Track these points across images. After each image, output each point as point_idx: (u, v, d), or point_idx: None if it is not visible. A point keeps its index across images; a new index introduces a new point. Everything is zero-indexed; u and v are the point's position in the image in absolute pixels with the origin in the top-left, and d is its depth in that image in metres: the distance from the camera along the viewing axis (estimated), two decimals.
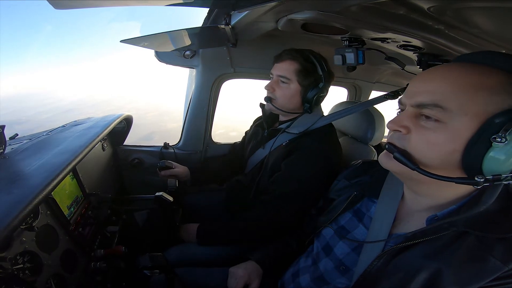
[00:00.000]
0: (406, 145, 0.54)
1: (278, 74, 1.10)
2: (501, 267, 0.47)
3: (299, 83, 1.09)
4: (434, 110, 0.50)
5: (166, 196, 1.01)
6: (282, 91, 1.10)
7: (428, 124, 0.52)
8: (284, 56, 1.09)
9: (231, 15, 1.06)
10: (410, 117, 0.54)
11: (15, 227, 0.55)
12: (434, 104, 0.50)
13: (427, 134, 0.51)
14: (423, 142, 0.52)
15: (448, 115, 0.49)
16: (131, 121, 1.41)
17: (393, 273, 0.57)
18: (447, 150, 0.50)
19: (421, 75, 0.56)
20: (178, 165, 1.30)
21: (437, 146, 0.51)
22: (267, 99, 1.13)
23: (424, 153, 0.52)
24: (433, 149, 0.51)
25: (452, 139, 0.49)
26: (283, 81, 1.09)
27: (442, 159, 0.51)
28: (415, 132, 0.53)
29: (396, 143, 0.55)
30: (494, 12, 0.57)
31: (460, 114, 0.48)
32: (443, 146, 0.50)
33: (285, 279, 0.82)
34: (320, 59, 1.11)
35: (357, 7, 0.70)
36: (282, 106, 1.12)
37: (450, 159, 0.50)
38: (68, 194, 0.86)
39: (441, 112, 0.49)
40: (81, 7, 0.77)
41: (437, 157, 0.51)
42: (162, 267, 0.77)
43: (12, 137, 1.15)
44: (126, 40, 1.05)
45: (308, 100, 1.10)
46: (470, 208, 0.53)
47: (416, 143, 0.53)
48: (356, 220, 0.72)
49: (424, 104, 0.51)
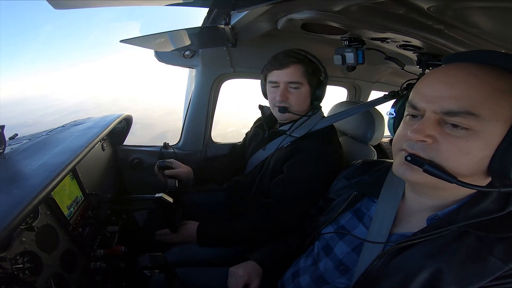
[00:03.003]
0: (434, 155, 0.50)
1: (287, 81, 1.06)
2: (502, 267, 0.47)
3: (309, 84, 1.08)
4: (467, 119, 0.47)
5: (166, 197, 1.01)
6: (295, 97, 1.08)
7: (457, 132, 0.48)
8: (288, 60, 1.05)
9: (230, 15, 1.06)
10: (434, 124, 0.50)
11: (15, 227, 0.55)
12: (467, 112, 0.47)
13: (458, 143, 0.48)
14: (455, 151, 0.48)
15: (481, 122, 0.47)
16: (130, 121, 1.41)
17: (393, 273, 0.57)
18: (479, 158, 0.48)
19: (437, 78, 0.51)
20: (180, 164, 1.28)
21: (470, 155, 0.48)
22: (282, 109, 1.08)
23: (456, 162, 0.49)
24: (466, 158, 0.48)
25: (484, 146, 0.48)
26: (295, 86, 1.07)
27: (474, 167, 0.49)
28: (443, 142, 0.49)
29: (421, 154, 0.51)
30: (494, 12, 0.57)
31: (492, 121, 0.46)
32: (476, 154, 0.48)
33: (285, 279, 0.82)
34: (314, 56, 1.10)
35: (356, 7, 0.70)
36: (298, 111, 1.10)
37: (480, 165, 0.49)
38: (68, 194, 0.86)
39: (474, 119, 0.46)
40: (80, 7, 0.77)
41: (470, 165, 0.49)
42: (162, 267, 0.77)
43: (11, 137, 1.15)
44: (126, 40, 1.05)
45: (318, 98, 1.11)
46: (471, 207, 0.53)
47: (446, 152, 0.49)
48: (356, 220, 0.72)
49: (454, 111, 0.48)
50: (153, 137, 4.60)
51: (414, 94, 0.55)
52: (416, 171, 0.51)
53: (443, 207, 0.57)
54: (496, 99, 0.47)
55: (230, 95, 1.87)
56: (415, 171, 0.52)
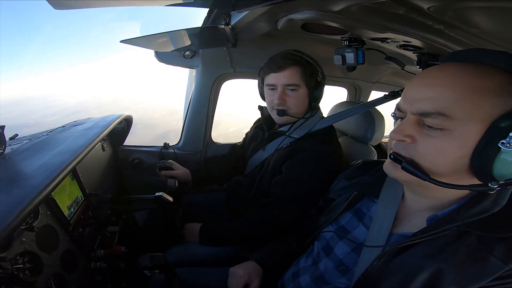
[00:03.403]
0: (413, 154, 0.53)
1: (285, 84, 1.06)
2: (502, 267, 0.47)
3: (306, 86, 1.07)
4: (438, 119, 0.49)
5: (166, 196, 1.01)
6: (293, 99, 1.07)
7: (433, 132, 0.50)
8: (285, 62, 1.04)
9: (231, 15, 1.06)
10: (413, 125, 0.52)
11: (15, 227, 0.55)
12: (438, 112, 0.48)
13: (434, 142, 0.50)
14: (430, 150, 0.51)
15: (453, 122, 0.48)
16: (131, 121, 1.41)
17: (393, 273, 0.57)
18: (455, 157, 0.49)
19: (419, 79, 0.54)
20: (179, 166, 1.29)
21: (445, 153, 0.50)
22: (281, 112, 1.08)
23: (432, 161, 0.51)
24: (441, 157, 0.50)
25: (459, 146, 0.49)
26: (293, 89, 1.06)
27: (451, 166, 0.50)
28: (420, 141, 0.52)
29: (402, 153, 0.54)
30: (494, 12, 0.57)
31: (466, 120, 0.47)
32: (451, 153, 0.49)
33: (285, 279, 0.82)
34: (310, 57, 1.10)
35: (357, 7, 0.70)
36: (296, 113, 1.10)
37: (459, 164, 0.50)
38: (68, 195, 0.86)
39: (446, 120, 0.48)
40: (80, 7, 0.77)
41: (446, 164, 0.50)
42: (162, 267, 0.77)
43: (12, 138, 1.15)
44: (126, 40, 1.05)
45: (316, 99, 1.11)
46: (470, 207, 0.53)
47: (423, 151, 0.51)
48: (356, 220, 0.72)
49: (426, 113, 0.50)
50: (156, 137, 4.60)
51: (401, 96, 0.57)
52: (398, 169, 0.54)
53: (443, 207, 0.57)
54: (472, 98, 0.47)
55: (231, 95, 1.87)
56: (398, 168, 0.54)
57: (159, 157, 1.52)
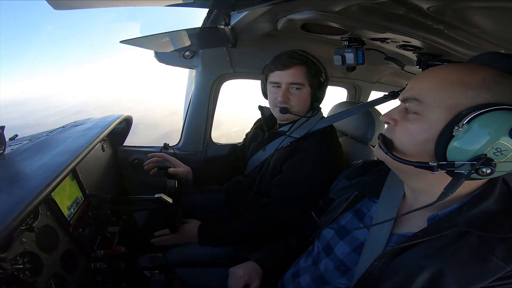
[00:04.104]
0: (393, 135, 0.59)
1: (289, 82, 1.07)
2: (503, 267, 0.47)
3: (310, 86, 1.08)
4: (413, 103, 0.55)
5: (165, 198, 1.01)
6: (296, 98, 1.08)
7: (410, 116, 0.56)
8: (291, 61, 1.06)
9: (230, 15, 1.06)
10: (400, 111, 0.59)
11: (15, 227, 0.55)
12: (413, 97, 0.55)
13: (407, 125, 0.56)
14: (403, 132, 0.57)
15: (424, 107, 0.53)
16: (131, 122, 1.41)
17: (394, 273, 0.57)
18: (421, 139, 0.54)
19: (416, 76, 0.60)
20: (179, 163, 1.29)
21: (413, 135, 0.55)
22: (284, 110, 1.08)
23: (402, 142, 0.57)
24: (409, 138, 0.56)
25: (425, 129, 0.53)
26: (297, 87, 1.07)
27: (416, 148, 0.55)
28: (399, 124, 0.58)
29: (385, 134, 0.61)
30: (494, 12, 0.57)
31: (434, 107, 0.52)
32: (418, 135, 0.54)
33: (285, 279, 0.82)
34: (314, 57, 1.11)
35: (356, 7, 0.70)
36: (298, 112, 1.11)
37: (424, 148, 0.53)
38: (68, 195, 0.86)
39: (418, 104, 0.54)
40: (80, 8, 0.77)
41: (412, 145, 0.55)
42: (162, 268, 0.77)
43: (11, 138, 1.15)
44: (126, 40, 1.05)
45: (318, 99, 1.12)
46: (472, 207, 0.53)
47: (399, 133, 0.58)
48: (356, 220, 0.72)
49: (406, 98, 0.57)
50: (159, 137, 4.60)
51: None
52: (379, 148, 0.59)
53: (444, 207, 0.57)
54: (443, 89, 0.52)
55: (233, 95, 1.87)
56: (379, 148, 0.60)
57: None
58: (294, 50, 1.09)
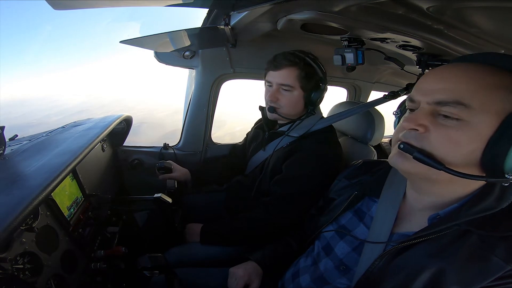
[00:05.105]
0: (425, 144, 0.51)
1: (279, 83, 1.07)
2: (504, 267, 0.47)
3: (302, 89, 1.07)
4: (457, 108, 0.48)
5: (165, 197, 1.01)
6: (286, 99, 1.08)
7: (449, 122, 0.50)
8: (282, 62, 1.05)
9: (230, 15, 1.06)
10: (426, 115, 0.52)
11: (15, 228, 0.55)
12: (456, 101, 0.48)
13: (449, 133, 0.49)
14: (445, 140, 0.50)
15: (471, 113, 0.48)
16: (130, 122, 1.41)
17: (395, 273, 0.56)
18: (469, 149, 0.49)
19: (434, 72, 0.55)
20: (178, 167, 1.29)
21: (459, 144, 0.49)
22: (271, 109, 1.09)
23: (446, 152, 0.50)
24: (455, 148, 0.49)
25: (474, 138, 0.48)
26: (286, 89, 1.07)
27: (463, 158, 0.50)
28: (434, 131, 0.51)
29: (413, 143, 0.52)
30: (494, 12, 0.57)
31: (483, 111, 0.47)
32: (466, 145, 0.49)
33: (285, 279, 0.82)
34: (316, 60, 1.10)
35: (356, 7, 0.70)
36: (287, 114, 1.11)
37: (471, 157, 0.50)
38: (68, 195, 0.86)
39: (464, 110, 0.48)
40: (80, 8, 0.77)
41: (459, 155, 0.50)
42: (162, 268, 0.77)
43: (11, 138, 1.15)
44: (126, 40, 1.05)
45: (312, 103, 1.10)
46: (472, 206, 0.53)
47: (436, 142, 0.50)
48: (357, 219, 0.71)
49: (444, 101, 0.50)
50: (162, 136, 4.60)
51: (413, 90, 0.58)
52: (407, 159, 0.53)
53: (444, 206, 0.57)
54: (486, 92, 0.48)
55: (235, 95, 1.87)
56: (407, 159, 0.53)
57: (159, 158, 1.52)
58: (292, 51, 1.09)
